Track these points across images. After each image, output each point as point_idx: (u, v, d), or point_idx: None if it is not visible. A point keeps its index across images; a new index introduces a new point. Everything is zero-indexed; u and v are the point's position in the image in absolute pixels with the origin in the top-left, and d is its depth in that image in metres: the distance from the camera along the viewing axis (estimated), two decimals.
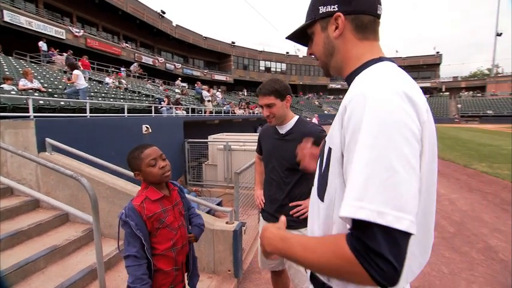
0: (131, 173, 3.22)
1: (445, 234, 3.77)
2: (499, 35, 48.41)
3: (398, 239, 0.53)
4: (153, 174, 1.35)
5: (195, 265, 1.59)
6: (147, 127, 5.57)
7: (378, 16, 0.76)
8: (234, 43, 44.12)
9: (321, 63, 0.85)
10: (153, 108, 8.51)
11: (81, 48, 20.73)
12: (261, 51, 48.64)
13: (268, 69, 49.67)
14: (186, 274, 1.56)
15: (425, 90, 50.96)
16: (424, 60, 50.57)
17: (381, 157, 0.55)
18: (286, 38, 0.91)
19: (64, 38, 19.79)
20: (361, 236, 0.54)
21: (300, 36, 0.87)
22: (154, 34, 31.25)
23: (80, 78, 7.24)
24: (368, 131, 0.57)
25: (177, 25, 33.71)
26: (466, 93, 48.61)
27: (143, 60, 28.07)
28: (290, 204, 1.76)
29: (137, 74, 21.94)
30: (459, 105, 43.36)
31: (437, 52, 50.35)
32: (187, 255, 1.52)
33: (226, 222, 2.79)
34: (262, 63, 48.92)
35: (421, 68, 51.13)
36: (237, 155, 6.67)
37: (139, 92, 13.44)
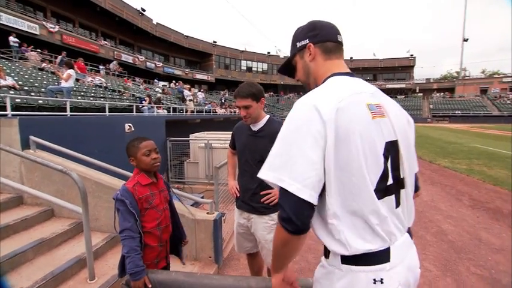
0: (117, 169, 3.39)
1: None
2: (465, 40, 51.37)
3: (293, 200, 0.79)
4: (145, 163, 1.60)
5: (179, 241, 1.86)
6: (129, 126, 5.67)
7: (339, 42, 1.04)
8: (215, 42, 44.04)
9: (304, 83, 1.13)
10: (134, 107, 8.54)
11: (57, 44, 20.04)
12: (242, 50, 48.82)
13: (249, 69, 49.92)
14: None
15: (401, 91, 53.20)
16: (399, 63, 52.72)
17: (286, 146, 0.84)
18: (278, 71, 1.23)
19: (38, 33, 19.02)
20: (279, 198, 0.83)
21: (288, 68, 1.17)
22: (134, 32, 30.65)
23: (72, 79, 7.23)
24: (283, 129, 0.87)
25: (157, 23, 33.25)
26: (437, 94, 51.25)
27: (123, 59, 27.46)
28: (261, 193, 1.98)
29: (117, 73, 21.53)
30: (431, 106, 45.69)
31: (411, 55, 52.65)
32: (171, 235, 1.76)
33: (207, 213, 3.04)
34: (243, 62, 49.10)
35: (396, 69, 53.27)
36: (217, 153, 6.89)
37: (119, 91, 13.28)
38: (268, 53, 51.31)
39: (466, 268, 2.92)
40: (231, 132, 2.29)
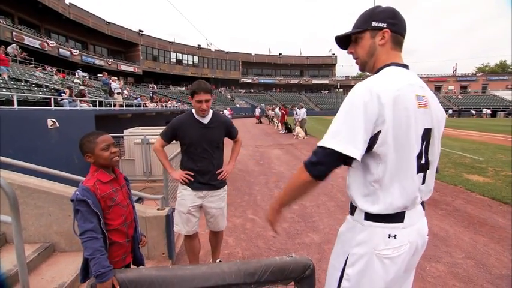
0: (46, 169, 3.01)
1: (339, 203, 4.77)
2: None
3: (325, 151, 1.01)
4: (105, 158, 1.52)
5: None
6: (53, 121, 4.95)
7: (404, 38, 1.16)
8: (142, 32, 40.94)
9: (361, 61, 1.19)
10: (52, 100, 7.39)
11: None
12: (172, 42, 46.61)
13: (179, 62, 48.04)
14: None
15: (324, 87, 58.32)
16: (323, 60, 57.65)
17: (340, 121, 1.02)
18: (336, 37, 1.24)
19: None
20: (320, 155, 1.03)
21: (345, 38, 1.22)
22: (39, 11, 26.25)
23: None
24: (341, 108, 1.04)
25: (70, 3, 29.15)
26: None
27: (26, 42, 23.30)
28: (217, 172, 2.43)
29: (18, 59, 18.16)
30: None
31: (333, 54, 58.05)
32: (135, 228, 1.70)
33: (158, 209, 2.95)
34: (173, 54, 46.97)
35: (320, 66, 58.12)
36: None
37: (26, 81, 11.26)
38: (199, 45, 50.16)
39: None
40: (171, 127, 2.42)
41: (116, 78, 14.16)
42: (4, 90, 8.53)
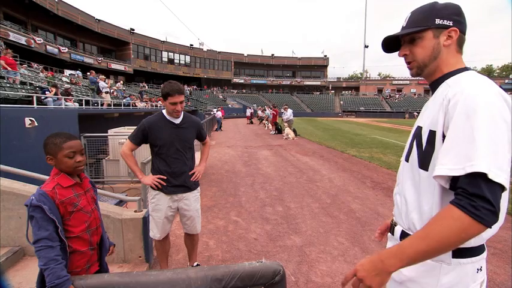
0: (18, 170, 2.89)
1: (323, 205, 4.76)
2: (366, 46, 59.63)
3: (496, 189, 0.75)
4: (68, 165, 1.42)
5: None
6: (31, 120, 4.80)
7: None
8: (133, 30, 40.43)
9: (418, 64, 1.01)
10: (35, 98, 7.17)
11: None
12: (163, 41, 46.19)
13: (171, 61, 47.63)
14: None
15: (316, 88, 58.69)
16: (315, 62, 58.00)
17: (490, 137, 0.78)
18: (387, 37, 1.06)
19: None
20: (468, 187, 0.76)
21: (394, 39, 1.05)
22: (26, 6, 25.52)
23: None
24: (481, 121, 0.79)
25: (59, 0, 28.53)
26: (346, 92, 58.39)
27: (11, 38, 22.64)
28: (190, 173, 2.43)
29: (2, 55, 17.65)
30: (341, 102, 51.83)
31: (325, 55, 58.50)
32: (102, 236, 1.62)
33: (135, 211, 2.87)
34: (165, 54, 46.58)
35: (312, 68, 58.44)
36: (140, 149, 6.41)
37: (9, 78, 10.92)
38: (191, 45, 49.83)
39: (368, 237, 3.52)
40: (141, 128, 2.34)
41: (104, 77, 13.90)
42: None
